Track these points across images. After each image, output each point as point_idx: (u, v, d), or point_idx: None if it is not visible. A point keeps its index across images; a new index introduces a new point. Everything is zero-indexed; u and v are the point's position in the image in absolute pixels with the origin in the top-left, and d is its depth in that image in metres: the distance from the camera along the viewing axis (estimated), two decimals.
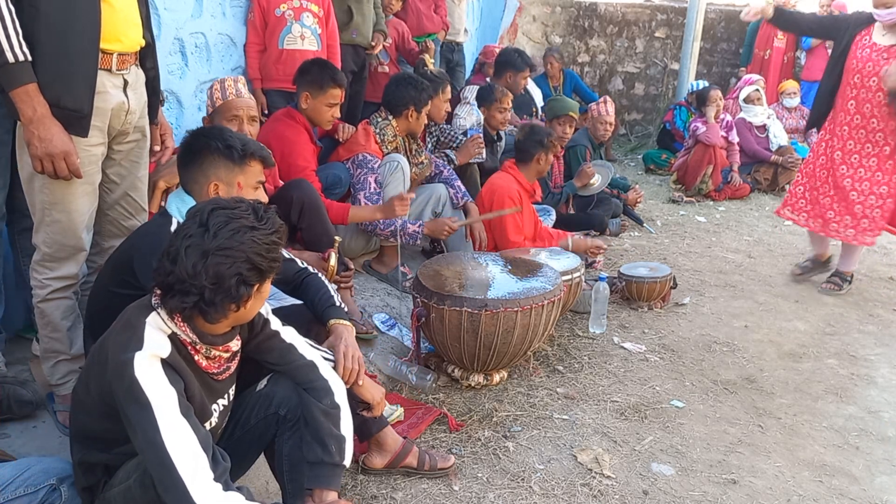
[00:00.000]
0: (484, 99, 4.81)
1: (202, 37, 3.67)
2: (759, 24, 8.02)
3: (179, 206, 1.99)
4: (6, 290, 2.63)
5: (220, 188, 2.00)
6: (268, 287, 1.70)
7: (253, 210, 1.63)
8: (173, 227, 1.90)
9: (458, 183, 4.07)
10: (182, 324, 1.63)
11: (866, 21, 3.94)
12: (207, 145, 2.02)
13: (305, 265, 2.29)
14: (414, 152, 3.93)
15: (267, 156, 2.11)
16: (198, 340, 1.66)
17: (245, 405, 1.92)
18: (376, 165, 3.60)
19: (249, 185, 2.05)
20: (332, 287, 2.26)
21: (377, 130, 3.73)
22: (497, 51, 5.72)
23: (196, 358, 1.68)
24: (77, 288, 2.26)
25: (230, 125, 2.84)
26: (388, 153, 3.73)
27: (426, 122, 3.90)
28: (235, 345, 1.79)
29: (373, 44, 4.67)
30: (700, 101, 6.61)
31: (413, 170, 3.84)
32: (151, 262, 1.62)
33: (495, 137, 4.90)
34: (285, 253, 2.26)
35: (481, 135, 4.52)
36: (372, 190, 3.53)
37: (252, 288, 1.61)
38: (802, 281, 4.44)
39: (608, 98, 5.64)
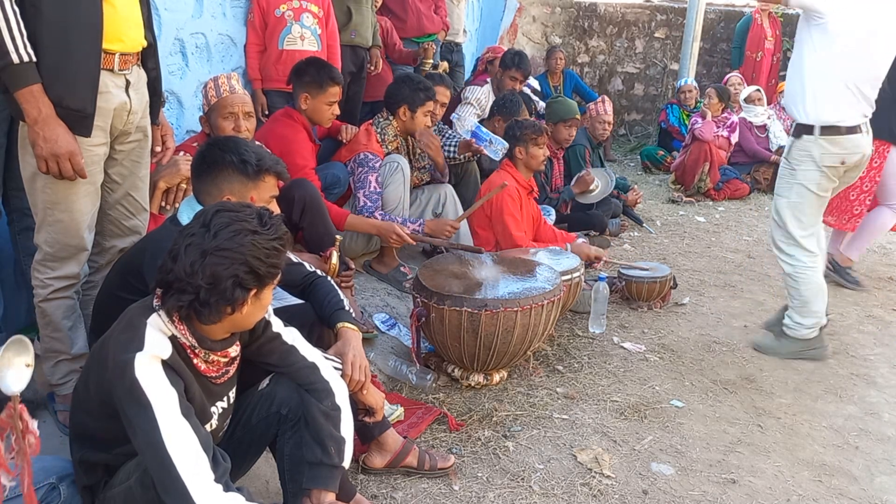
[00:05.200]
0: (511, 113, 4.54)
1: (202, 37, 3.67)
2: (749, 27, 8.05)
3: (190, 216, 1.98)
4: (7, 290, 2.63)
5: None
6: (268, 295, 1.69)
7: (258, 215, 1.63)
8: None
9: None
10: (182, 326, 1.63)
11: None
12: (222, 158, 2.01)
13: (314, 269, 2.28)
14: (417, 156, 3.92)
15: (282, 170, 2.11)
16: (196, 344, 1.66)
17: (247, 405, 1.92)
18: (377, 165, 3.60)
19: (262, 199, 2.05)
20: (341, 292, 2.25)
21: (378, 130, 3.74)
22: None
23: (195, 361, 1.68)
24: (78, 287, 2.27)
25: (226, 122, 2.85)
26: (389, 153, 3.73)
27: (427, 125, 3.86)
28: (234, 350, 1.79)
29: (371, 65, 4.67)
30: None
31: (414, 174, 3.83)
32: None
33: None
34: (293, 257, 2.26)
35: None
36: (372, 189, 3.52)
37: (248, 292, 1.60)
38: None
39: (606, 97, 5.66)
